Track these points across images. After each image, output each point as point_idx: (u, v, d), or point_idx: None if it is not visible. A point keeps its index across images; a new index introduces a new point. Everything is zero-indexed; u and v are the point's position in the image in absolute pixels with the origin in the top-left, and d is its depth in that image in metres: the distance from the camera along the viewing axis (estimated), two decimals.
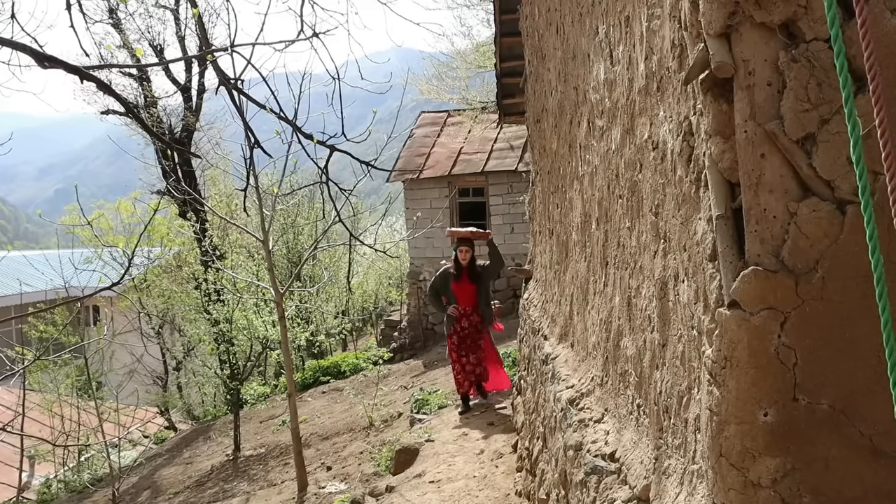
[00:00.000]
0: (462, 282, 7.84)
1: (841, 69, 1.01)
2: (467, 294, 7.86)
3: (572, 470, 2.97)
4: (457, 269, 7.88)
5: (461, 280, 7.84)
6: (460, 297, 7.85)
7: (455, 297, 7.85)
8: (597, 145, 3.04)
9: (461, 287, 7.85)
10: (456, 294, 7.85)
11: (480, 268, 7.98)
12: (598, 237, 3.07)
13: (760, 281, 1.35)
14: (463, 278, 7.84)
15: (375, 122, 5.32)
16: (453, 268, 7.90)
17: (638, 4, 2.17)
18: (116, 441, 10.96)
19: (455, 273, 7.87)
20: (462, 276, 7.85)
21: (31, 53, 3.03)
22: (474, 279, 7.85)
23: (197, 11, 3.96)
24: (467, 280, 7.83)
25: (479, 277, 7.91)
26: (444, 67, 17.92)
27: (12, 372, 7.19)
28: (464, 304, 7.85)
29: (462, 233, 8.05)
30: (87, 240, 14.15)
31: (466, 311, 7.87)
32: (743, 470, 1.40)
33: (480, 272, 7.93)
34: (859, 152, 0.99)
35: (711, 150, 1.48)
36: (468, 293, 7.86)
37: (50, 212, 41.79)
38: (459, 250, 7.81)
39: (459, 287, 7.85)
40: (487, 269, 7.98)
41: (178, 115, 17.21)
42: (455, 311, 7.80)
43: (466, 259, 7.85)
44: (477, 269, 7.92)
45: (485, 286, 7.98)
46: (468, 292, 7.86)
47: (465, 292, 7.85)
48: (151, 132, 4.82)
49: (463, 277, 7.84)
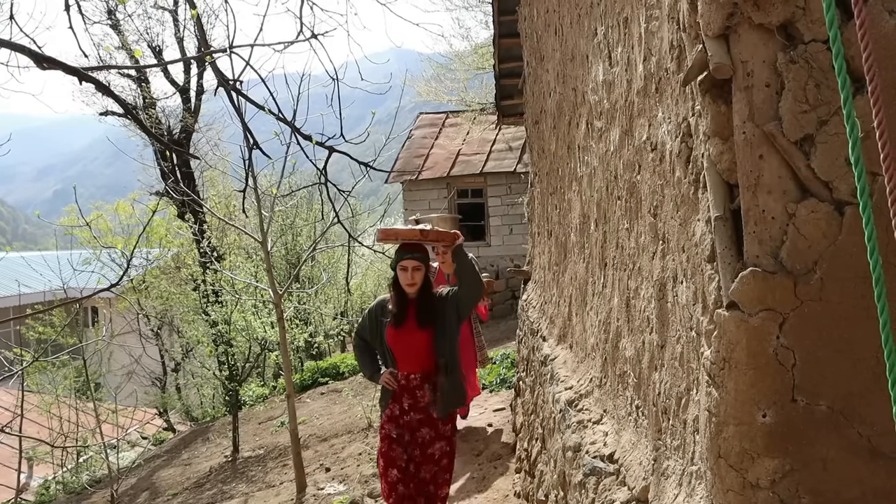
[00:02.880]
0: (406, 326, 4.27)
1: (839, 70, 1.01)
2: (415, 348, 4.27)
3: (571, 471, 2.97)
4: (397, 302, 4.32)
5: (404, 323, 4.28)
6: (402, 353, 4.30)
7: (392, 353, 4.32)
8: (595, 146, 3.04)
9: (404, 336, 4.28)
10: (394, 347, 4.30)
11: (440, 299, 4.33)
12: (596, 238, 3.07)
13: (759, 282, 1.35)
14: (408, 320, 4.27)
15: (374, 123, 5.32)
16: (391, 301, 4.37)
17: (636, 6, 2.17)
18: (115, 442, 10.95)
19: (394, 311, 4.31)
20: (406, 315, 4.28)
21: (29, 54, 3.03)
22: (428, 320, 4.25)
23: (196, 13, 3.96)
24: (415, 323, 4.26)
25: (438, 317, 4.27)
26: (442, 69, 17.94)
27: (11, 373, 7.18)
28: (408, 366, 4.29)
29: (405, 234, 4.28)
30: (86, 241, 14.14)
31: (412, 383, 4.28)
32: (742, 471, 1.40)
33: (440, 307, 4.29)
34: (858, 153, 0.99)
35: (710, 151, 1.48)
36: (417, 347, 4.27)
37: (48, 213, 42.01)
38: (401, 268, 4.27)
39: (401, 336, 4.28)
40: (452, 299, 4.29)
41: (177, 116, 17.20)
42: (392, 383, 4.30)
43: (415, 284, 4.27)
44: (433, 303, 4.30)
45: (449, 331, 4.28)
46: (417, 345, 4.27)
47: (412, 345, 4.28)
48: (150, 133, 4.82)
49: (408, 318, 4.28)
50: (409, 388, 4.30)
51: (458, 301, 4.26)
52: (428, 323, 4.23)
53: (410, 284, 4.23)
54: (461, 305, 4.28)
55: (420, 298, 4.27)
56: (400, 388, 4.31)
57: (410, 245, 4.22)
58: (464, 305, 4.29)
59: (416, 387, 4.29)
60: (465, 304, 4.30)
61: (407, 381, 4.31)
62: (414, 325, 4.24)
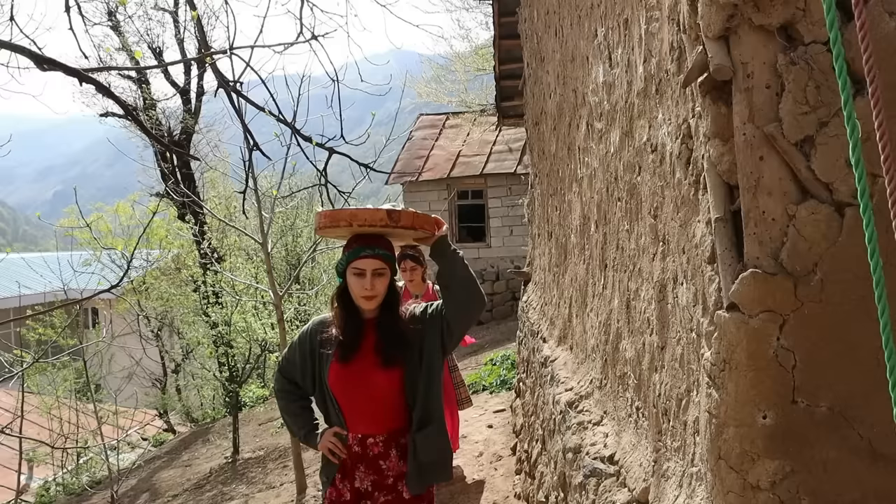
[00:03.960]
0: (360, 363, 2.75)
1: (840, 72, 1.01)
2: (375, 397, 2.76)
3: (571, 472, 2.97)
4: (346, 325, 2.78)
5: (357, 357, 2.75)
6: (355, 404, 2.79)
7: (339, 403, 2.80)
8: (595, 148, 3.04)
9: (357, 378, 2.75)
10: (341, 395, 2.78)
11: (414, 319, 2.82)
12: (596, 240, 3.07)
13: (759, 283, 1.35)
14: (363, 353, 2.75)
15: (374, 124, 5.32)
16: (336, 323, 2.82)
17: (636, 7, 2.17)
18: (115, 443, 10.94)
19: (341, 338, 2.78)
20: (360, 345, 2.76)
21: (30, 56, 3.03)
22: (395, 353, 2.73)
23: (196, 14, 3.97)
24: (375, 358, 2.74)
25: (412, 347, 2.76)
26: (442, 70, 17.95)
27: (11, 374, 7.18)
28: (363, 423, 2.79)
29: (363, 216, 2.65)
30: (86, 242, 14.13)
31: (372, 449, 2.80)
32: (742, 472, 1.40)
33: (415, 333, 2.78)
34: (858, 155, 0.99)
35: (710, 152, 1.48)
36: (378, 394, 2.76)
37: (49, 214, 42.06)
38: (353, 271, 2.72)
39: (352, 378, 2.75)
40: (434, 320, 2.79)
41: (177, 117, 17.20)
42: (337, 450, 2.80)
43: (376, 297, 2.74)
44: (403, 326, 2.79)
45: (428, 370, 2.77)
46: (378, 392, 2.75)
47: (370, 392, 2.76)
48: (150, 134, 4.83)
49: (363, 350, 2.76)
50: (368, 457, 2.76)
51: (444, 323, 2.71)
52: (395, 358, 2.67)
53: (369, 297, 2.66)
54: (450, 330, 2.72)
55: (383, 319, 2.71)
56: (351, 457, 2.77)
57: (369, 237, 2.67)
58: (455, 330, 2.72)
59: (378, 455, 2.76)
60: (457, 327, 2.72)
61: (363, 446, 2.75)
62: (373, 360, 2.67)
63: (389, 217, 2.62)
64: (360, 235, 2.72)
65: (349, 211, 2.70)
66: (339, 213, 2.71)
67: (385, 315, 2.79)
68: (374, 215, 2.62)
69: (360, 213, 2.65)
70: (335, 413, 2.83)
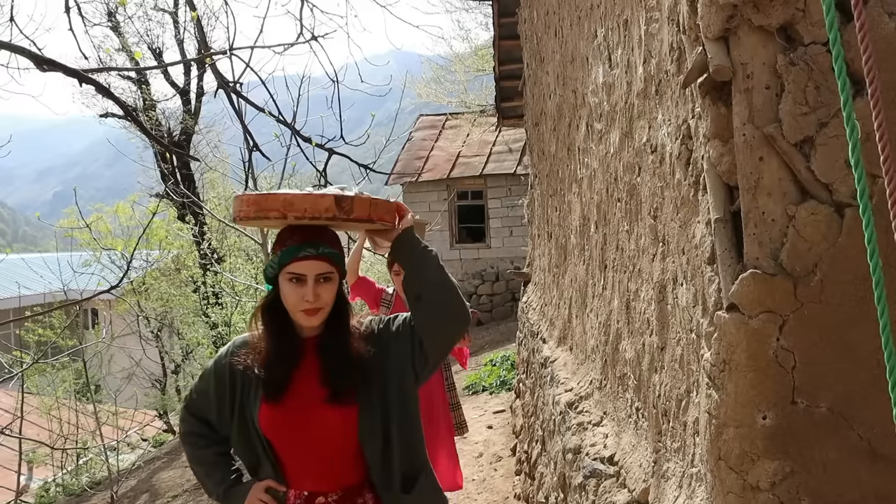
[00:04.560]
0: (300, 399, 1.97)
1: (839, 72, 1.01)
2: (323, 444, 1.99)
3: (571, 473, 2.97)
4: (278, 350, 1.99)
5: (294, 391, 1.97)
6: (296, 453, 2.02)
7: (275, 451, 2.02)
8: (595, 148, 3.04)
9: (297, 418, 1.97)
10: (278, 441, 2.01)
11: (371, 337, 2.04)
12: (596, 240, 3.07)
13: (759, 284, 1.35)
14: (302, 385, 1.97)
15: (374, 125, 5.32)
16: (261, 347, 2.01)
17: (636, 8, 2.17)
18: (115, 444, 10.94)
19: (272, 367, 1.98)
20: (295, 374, 1.98)
21: (29, 56, 3.03)
22: (347, 384, 1.96)
23: (196, 15, 3.97)
24: (321, 392, 1.95)
25: (370, 376, 1.99)
26: (442, 70, 17.96)
27: (11, 375, 7.18)
28: (309, 478, 2.02)
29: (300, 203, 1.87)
30: (86, 243, 14.14)
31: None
32: (742, 473, 1.40)
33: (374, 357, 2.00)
34: (858, 155, 0.99)
35: (710, 153, 1.48)
36: (326, 440, 1.98)
37: (49, 215, 41.86)
38: (288, 276, 1.94)
39: (290, 419, 1.97)
40: (400, 337, 2.02)
41: (177, 118, 17.22)
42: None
43: (320, 310, 1.96)
44: (355, 348, 1.99)
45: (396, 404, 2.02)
46: (326, 437, 1.98)
47: (316, 437, 1.97)
48: (150, 135, 4.83)
49: (302, 382, 1.98)
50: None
51: (415, 343, 2.01)
52: (347, 391, 1.97)
53: (312, 310, 1.95)
54: (423, 353, 2.01)
55: (329, 339, 2.02)
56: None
57: (309, 230, 1.97)
58: (430, 353, 2.01)
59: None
60: (433, 349, 2.01)
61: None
62: (318, 395, 1.97)
63: (339, 206, 1.88)
64: (298, 228, 1.98)
65: (282, 196, 1.89)
66: (267, 199, 1.93)
67: (332, 333, 2.02)
68: (316, 204, 1.88)
69: (298, 202, 1.88)
70: (269, 465, 2.03)
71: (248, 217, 1.96)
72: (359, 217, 1.92)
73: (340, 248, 2.07)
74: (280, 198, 1.90)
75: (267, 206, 1.92)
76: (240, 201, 1.99)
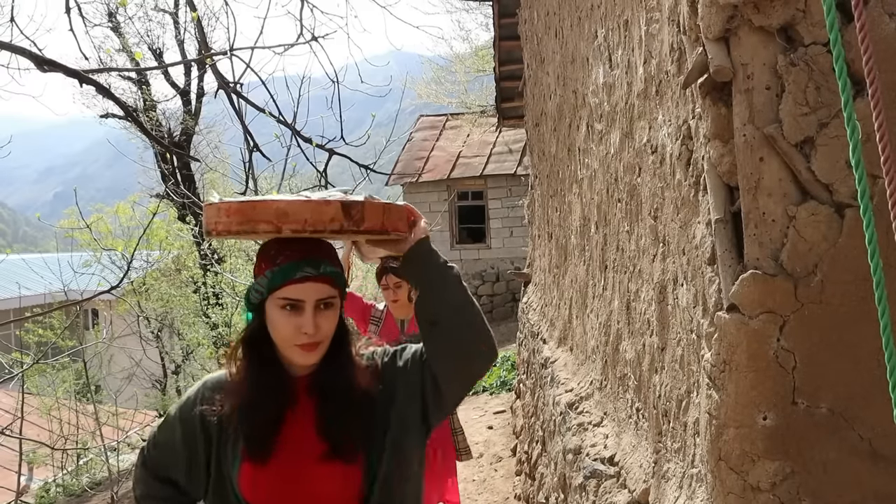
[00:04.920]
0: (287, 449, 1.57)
1: (840, 73, 1.01)
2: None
3: (571, 473, 2.97)
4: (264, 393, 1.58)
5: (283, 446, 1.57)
6: None
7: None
8: (596, 149, 3.04)
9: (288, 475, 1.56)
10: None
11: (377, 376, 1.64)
12: (597, 241, 3.07)
13: (759, 284, 1.35)
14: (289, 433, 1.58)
15: (374, 125, 5.31)
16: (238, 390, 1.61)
17: (637, 8, 2.17)
18: (115, 445, 10.93)
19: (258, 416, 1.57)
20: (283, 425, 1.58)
21: (30, 57, 3.03)
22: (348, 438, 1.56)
23: (196, 15, 3.97)
24: (314, 443, 1.56)
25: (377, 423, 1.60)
26: (442, 71, 17.97)
27: (11, 375, 7.17)
28: None
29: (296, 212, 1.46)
30: (86, 243, 14.13)
31: None
32: (742, 474, 1.40)
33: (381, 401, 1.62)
34: (858, 156, 0.99)
35: (710, 153, 1.48)
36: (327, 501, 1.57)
37: (49, 215, 41.82)
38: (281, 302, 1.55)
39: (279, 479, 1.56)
40: (410, 374, 1.64)
41: (178, 118, 17.22)
42: None
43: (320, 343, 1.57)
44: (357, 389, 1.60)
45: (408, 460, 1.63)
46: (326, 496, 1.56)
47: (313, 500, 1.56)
48: (150, 136, 4.83)
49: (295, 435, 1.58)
50: None
51: (429, 382, 1.65)
52: (352, 444, 1.60)
53: (310, 345, 1.58)
54: (439, 395, 1.65)
55: (328, 378, 1.64)
56: None
57: (304, 243, 1.60)
58: (447, 394, 1.66)
59: None
60: (451, 390, 1.67)
61: None
62: (314, 448, 1.60)
63: (347, 215, 1.48)
64: (290, 240, 1.57)
65: (274, 205, 1.46)
66: (255, 208, 1.48)
67: (330, 369, 1.63)
68: (320, 214, 1.47)
69: (296, 211, 1.46)
70: None
71: (227, 231, 1.51)
72: (370, 227, 1.52)
73: (340, 266, 1.66)
74: (272, 206, 1.45)
75: (255, 217, 1.47)
76: (215, 211, 1.51)
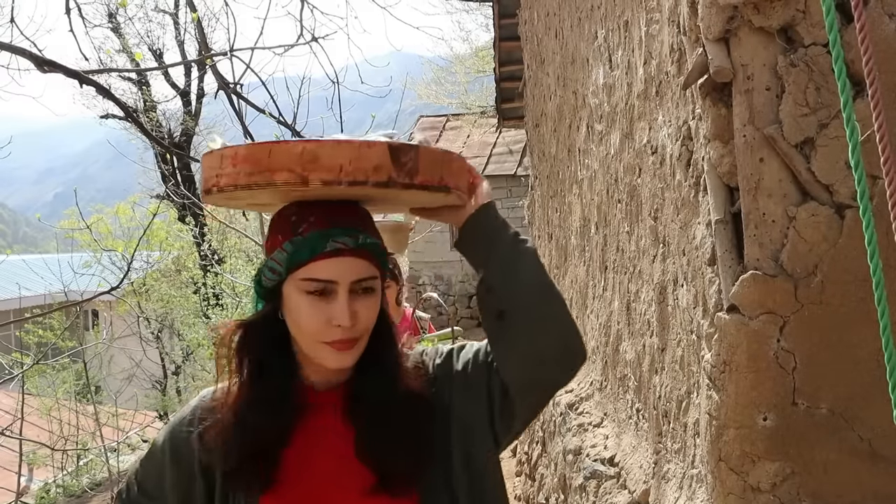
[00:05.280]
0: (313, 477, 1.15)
1: (839, 74, 1.01)
2: None
3: (571, 474, 2.97)
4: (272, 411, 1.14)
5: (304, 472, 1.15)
6: None
7: None
8: (596, 150, 3.04)
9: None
10: None
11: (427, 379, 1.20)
12: (597, 241, 3.07)
13: (759, 285, 1.36)
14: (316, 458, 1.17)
15: (374, 126, 5.31)
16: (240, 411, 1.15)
17: (637, 9, 2.17)
18: (115, 445, 10.93)
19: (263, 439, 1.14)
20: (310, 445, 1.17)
21: (30, 57, 3.03)
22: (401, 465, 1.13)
23: (196, 16, 3.96)
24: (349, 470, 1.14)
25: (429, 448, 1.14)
26: (442, 72, 17.97)
27: (11, 376, 7.17)
28: None
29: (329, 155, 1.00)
30: (86, 244, 14.12)
31: None
32: (742, 474, 1.40)
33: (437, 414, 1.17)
34: (858, 157, 0.99)
35: (710, 154, 1.48)
36: None
37: (49, 216, 41.74)
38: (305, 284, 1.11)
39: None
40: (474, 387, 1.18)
41: (178, 119, 17.22)
42: None
43: (357, 340, 1.13)
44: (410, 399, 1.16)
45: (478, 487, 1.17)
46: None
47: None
48: (150, 136, 4.83)
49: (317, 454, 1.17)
50: None
51: (498, 391, 1.17)
52: (404, 473, 1.14)
53: (345, 342, 1.13)
54: (509, 406, 1.17)
55: (367, 387, 1.19)
56: None
57: (332, 207, 1.14)
58: (520, 398, 1.17)
59: None
60: (526, 393, 1.17)
61: None
62: (355, 480, 1.15)
63: (396, 162, 1.05)
64: (314, 204, 1.15)
65: (300, 146, 1.03)
66: (273, 151, 1.04)
67: (372, 377, 1.21)
68: (361, 159, 1.03)
69: (330, 154, 1.03)
70: None
71: (233, 184, 1.07)
72: (426, 181, 1.09)
73: (380, 238, 1.21)
74: (296, 148, 1.03)
75: (271, 165, 1.03)
76: (217, 160, 1.09)
